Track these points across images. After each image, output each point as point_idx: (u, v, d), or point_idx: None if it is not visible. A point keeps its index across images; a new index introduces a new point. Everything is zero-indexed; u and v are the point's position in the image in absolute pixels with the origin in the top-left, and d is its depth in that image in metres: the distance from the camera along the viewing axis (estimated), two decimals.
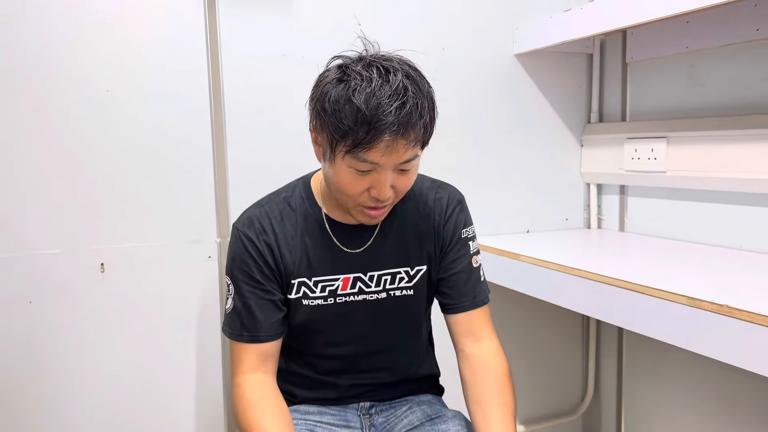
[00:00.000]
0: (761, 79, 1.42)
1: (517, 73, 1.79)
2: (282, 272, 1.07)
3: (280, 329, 1.08)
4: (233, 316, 1.07)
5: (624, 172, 1.74)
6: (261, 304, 1.06)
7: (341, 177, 0.95)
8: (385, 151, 0.89)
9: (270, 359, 1.07)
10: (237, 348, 1.07)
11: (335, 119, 0.89)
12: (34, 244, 1.33)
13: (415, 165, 0.97)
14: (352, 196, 0.97)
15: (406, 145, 0.90)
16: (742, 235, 1.48)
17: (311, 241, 1.08)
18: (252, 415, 0.98)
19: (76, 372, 1.38)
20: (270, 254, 1.06)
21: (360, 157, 0.90)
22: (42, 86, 1.31)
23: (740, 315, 0.97)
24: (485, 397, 1.04)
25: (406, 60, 0.95)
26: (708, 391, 1.61)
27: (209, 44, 1.42)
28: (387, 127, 0.86)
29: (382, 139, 0.87)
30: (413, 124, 0.89)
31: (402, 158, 0.92)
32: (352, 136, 0.88)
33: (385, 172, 0.93)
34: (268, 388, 1.04)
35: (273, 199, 1.12)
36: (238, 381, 1.05)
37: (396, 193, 0.98)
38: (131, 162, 1.39)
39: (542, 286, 1.43)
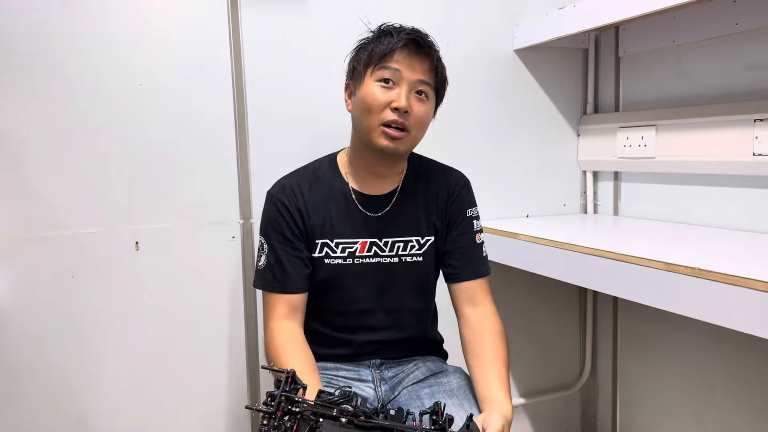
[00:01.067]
0: (741, 69, 1.54)
1: (517, 67, 1.91)
2: (309, 233, 1.22)
3: (306, 284, 1.23)
4: (266, 271, 1.22)
5: (617, 159, 1.86)
6: (291, 260, 1.21)
7: (369, 93, 1.14)
8: (405, 59, 1.12)
9: (298, 311, 1.22)
10: (269, 298, 1.22)
11: (367, 45, 1.16)
12: (76, 224, 1.47)
13: (428, 106, 1.17)
14: (377, 111, 1.13)
15: (422, 60, 1.13)
16: (725, 214, 1.60)
17: (335, 208, 1.23)
18: (283, 358, 1.13)
19: (113, 340, 1.52)
20: (299, 217, 1.21)
21: (386, 66, 1.12)
22: (84, 81, 1.45)
23: (711, 276, 1.09)
24: (482, 351, 1.17)
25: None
26: (698, 364, 1.72)
27: (232, 42, 1.56)
28: (405, 35, 1.12)
29: (402, 49, 1.12)
30: (427, 43, 1.14)
31: (418, 75, 1.13)
32: (378, 48, 1.13)
33: (403, 84, 1.12)
34: (297, 336, 1.19)
35: (303, 172, 1.28)
36: (271, 327, 1.20)
37: (413, 119, 1.14)
38: (162, 150, 1.53)
39: (540, 262, 1.55)
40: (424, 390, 1.22)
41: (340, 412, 0.93)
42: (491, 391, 1.10)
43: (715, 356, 1.66)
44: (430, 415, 0.98)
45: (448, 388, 1.21)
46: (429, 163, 1.33)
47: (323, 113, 1.64)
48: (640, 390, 1.94)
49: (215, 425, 1.63)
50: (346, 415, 0.92)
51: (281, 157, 1.60)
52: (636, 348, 1.94)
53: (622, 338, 1.99)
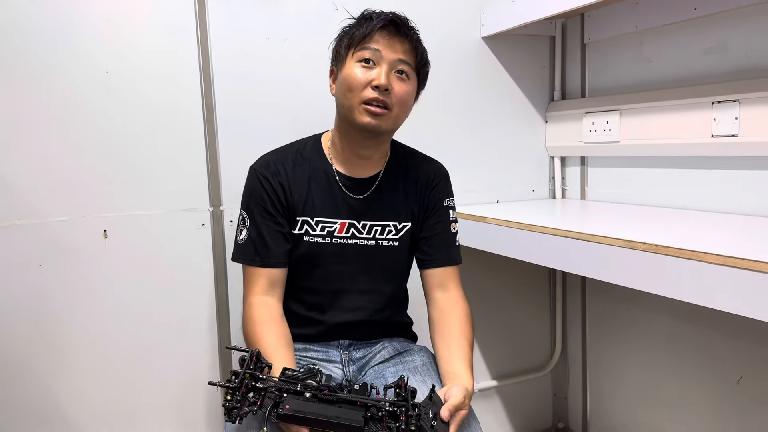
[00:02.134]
0: (698, 53, 1.58)
1: (485, 55, 1.94)
2: (290, 209, 1.24)
3: (287, 259, 1.24)
4: (247, 244, 1.23)
5: (583, 144, 1.89)
6: (272, 234, 1.22)
7: (350, 72, 1.16)
8: (385, 39, 1.15)
9: (277, 285, 1.23)
10: (249, 272, 1.23)
11: (347, 30, 1.19)
12: (44, 213, 1.46)
13: (410, 85, 1.19)
14: (358, 90, 1.15)
15: (401, 41, 1.16)
16: (687, 196, 1.64)
17: (317, 187, 1.25)
18: (259, 331, 1.15)
19: (83, 327, 1.51)
20: (282, 192, 1.23)
21: (366, 46, 1.15)
22: (49, 67, 1.44)
23: (666, 251, 1.12)
24: (448, 330, 1.21)
25: None
26: (666, 343, 1.77)
27: (199, 27, 1.56)
28: (383, 17, 1.15)
29: (381, 30, 1.14)
30: (406, 25, 1.17)
31: (398, 54, 1.15)
32: (358, 32, 1.15)
33: (384, 64, 1.14)
34: (274, 311, 1.21)
35: (287, 149, 1.30)
36: (249, 301, 1.21)
37: (394, 98, 1.16)
38: (131, 137, 1.52)
39: (507, 245, 1.57)
40: (389, 369, 1.24)
41: (304, 387, 0.94)
42: (454, 367, 1.13)
43: (681, 334, 1.71)
44: (393, 389, 1.00)
45: (412, 366, 1.23)
46: (411, 151, 1.36)
47: (292, 99, 1.65)
48: (610, 370, 1.98)
49: (188, 412, 1.64)
50: (310, 389, 0.94)
51: (250, 144, 1.59)
52: (605, 329, 1.98)
53: (591, 320, 2.03)
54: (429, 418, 0.97)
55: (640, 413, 1.87)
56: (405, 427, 0.95)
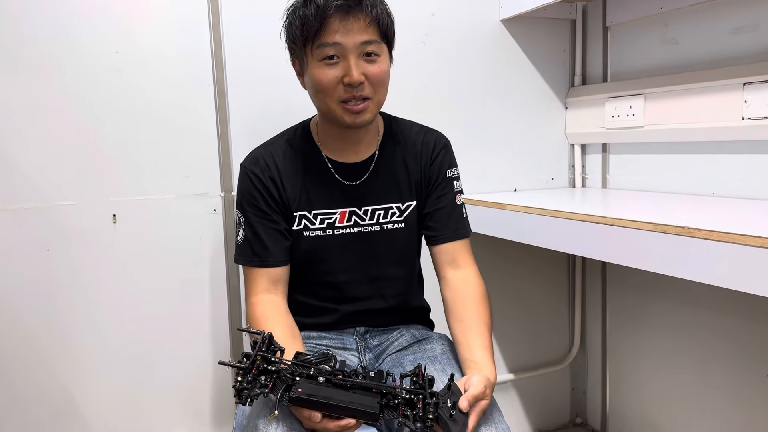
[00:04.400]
0: (728, 32, 1.52)
1: (504, 38, 1.88)
2: (286, 204, 1.18)
3: (287, 256, 1.19)
4: (245, 245, 1.18)
5: (605, 130, 1.83)
6: (269, 232, 1.17)
7: (317, 75, 1.07)
8: (340, 28, 1.03)
9: (279, 283, 1.18)
10: (249, 273, 1.18)
11: (296, 22, 1.06)
12: (52, 196, 1.43)
13: (382, 58, 1.09)
14: (330, 91, 1.08)
15: (360, 23, 1.04)
16: (715, 182, 1.58)
17: (310, 178, 1.18)
18: (264, 327, 1.08)
19: (90, 314, 1.48)
20: (275, 188, 1.17)
21: (323, 43, 1.04)
22: (58, 48, 1.40)
23: (701, 234, 1.07)
24: (463, 313, 1.14)
25: None
26: (687, 339, 1.71)
27: (211, 6, 1.51)
28: (334, 5, 1.02)
29: (334, 17, 1.02)
30: (359, 3, 1.03)
31: (360, 37, 1.04)
32: (311, 26, 1.03)
33: (349, 55, 1.05)
34: (278, 307, 1.16)
35: (276, 141, 1.23)
36: (251, 301, 1.16)
37: (371, 83, 1.08)
38: (141, 120, 1.48)
39: (528, 232, 1.52)
40: (407, 357, 1.19)
41: (317, 371, 0.90)
42: (473, 354, 1.08)
43: (706, 325, 1.65)
44: (410, 377, 0.95)
45: (431, 354, 1.18)
46: (406, 123, 1.28)
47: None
48: (631, 364, 1.92)
49: (199, 398, 1.60)
50: (323, 373, 0.90)
51: (262, 128, 1.54)
52: (626, 321, 1.92)
53: (612, 311, 1.98)
54: (447, 407, 0.93)
55: (663, 409, 1.81)
56: (422, 414, 0.90)
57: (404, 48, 1.71)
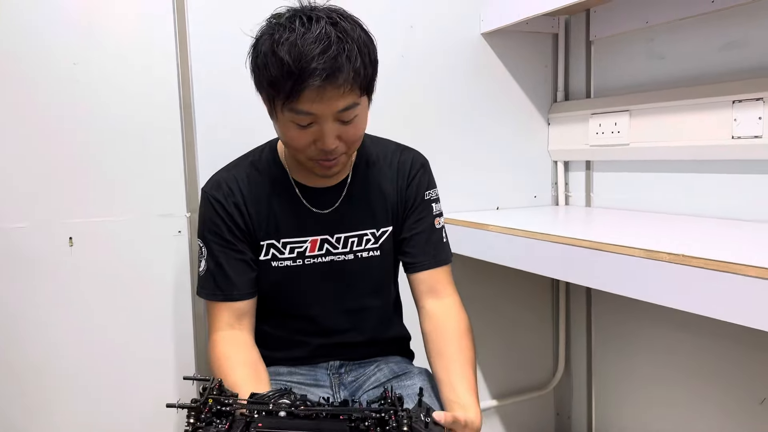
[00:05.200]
0: (716, 48, 1.47)
1: (485, 52, 1.82)
2: (251, 233, 1.09)
3: (253, 288, 1.10)
4: (207, 277, 1.09)
5: (589, 147, 1.78)
6: (233, 263, 1.07)
7: (286, 132, 0.97)
8: (316, 98, 0.90)
9: (245, 317, 1.09)
10: (212, 307, 1.09)
11: (266, 73, 0.92)
12: (1, 219, 1.32)
13: (360, 114, 0.98)
14: (301, 150, 0.98)
15: (339, 92, 0.90)
16: (704, 202, 1.52)
17: (278, 204, 1.09)
18: (225, 368, 1.00)
19: (45, 344, 1.37)
20: (239, 215, 1.08)
21: (295, 109, 0.92)
22: (8, 58, 1.30)
23: (696, 262, 1.00)
24: (445, 348, 1.06)
25: (336, 8, 0.95)
26: (673, 362, 1.65)
27: (177, 19, 1.43)
28: (310, 73, 0.87)
29: (309, 86, 0.88)
30: (339, 68, 0.88)
31: (338, 106, 0.92)
32: (282, 90, 0.90)
33: (325, 122, 0.94)
34: (241, 344, 1.06)
35: (240, 163, 1.13)
36: (213, 339, 1.07)
37: (346, 144, 0.99)
38: (100, 136, 1.38)
39: (510, 254, 1.45)
40: None
41: (276, 406, 0.82)
42: (458, 396, 0.99)
43: (697, 350, 1.59)
44: (378, 402, 0.87)
45: (411, 392, 1.09)
46: (381, 142, 1.19)
47: None
48: (617, 388, 1.85)
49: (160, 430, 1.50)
50: (283, 407, 0.81)
51: (232, 145, 1.45)
52: (611, 344, 1.86)
53: (597, 334, 1.91)
54: (421, 420, 0.85)
55: None
56: (396, 426, 0.82)
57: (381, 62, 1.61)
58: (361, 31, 0.94)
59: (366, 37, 0.95)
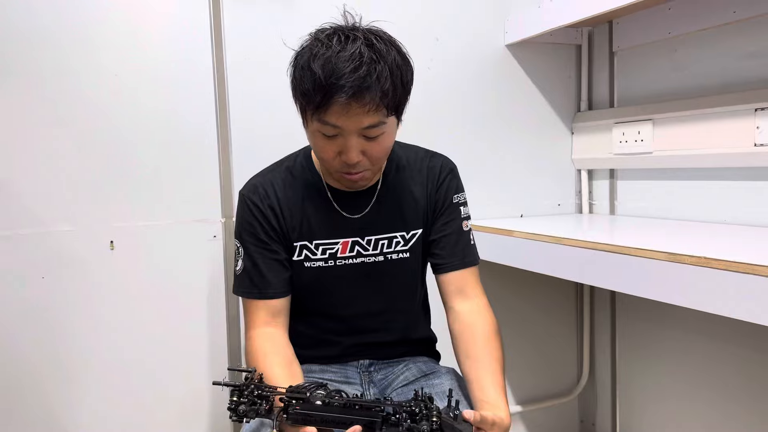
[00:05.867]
0: (738, 58, 1.49)
1: (509, 63, 1.86)
2: (286, 234, 1.14)
3: (287, 287, 1.14)
4: (243, 276, 1.14)
5: (613, 156, 1.80)
6: (268, 263, 1.12)
7: (315, 141, 1.03)
8: (342, 113, 0.94)
9: (280, 315, 1.13)
10: (248, 305, 1.14)
11: (300, 84, 0.98)
12: (47, 222, 1.39)
13: (387, 133, 1.01)
14: (327, 161, 1.04)
15: (364, 109, 0.94)
16: (727, 209, 1.54)
17: (312, 207, 1.14)
18: (261, 364, 1.04)
19: (87, 343, 1.44)
20: (274, 217, 1.13)
21: (322, 120, 0.97)
22: (56, 70, 1.38)
23: (718, 264, 1.03)
24: (474, 349, 1.09)
25: (376, 30, 1.00)
26: (698, 370, 1.66)
27: (213, 30, 1.50)
28: (338, 89, 0.92)
29: (336, 101, 0.92)
30: (367, 88, 0.92)
31: (363, 123, 0.96)
32: (312, 100, 0.95)
33: (349, 136, 0.98)
34: (278, 341, 1.10)
35: (276, 168, 1.19)
36: (250, 335, 1.11)
37: (370, 160, 1.03)
38: (140, 144, 1.46)
39: (536, 259, 1.49)
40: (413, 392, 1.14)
41: (313, 397, 0.87)
42: (486, 395, 1.02)
43: (719, 357, 1.60)
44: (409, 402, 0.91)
45: (439, 390, 1.12)
46: (411, 149, 1.23)
47: None
48: (641, 395, 1.86)
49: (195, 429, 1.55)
50: (319, 397, 0.87)
51: (265, 152, 1.51)
52: (635, 351, 1.87)
53: (621, 341, 1.92)
54: (451, 417, 0.89)
55: None
56: (426, 414, 0.86)
57: None
58: (397, 54, 0.98)
59: (401, 59, 0.99)
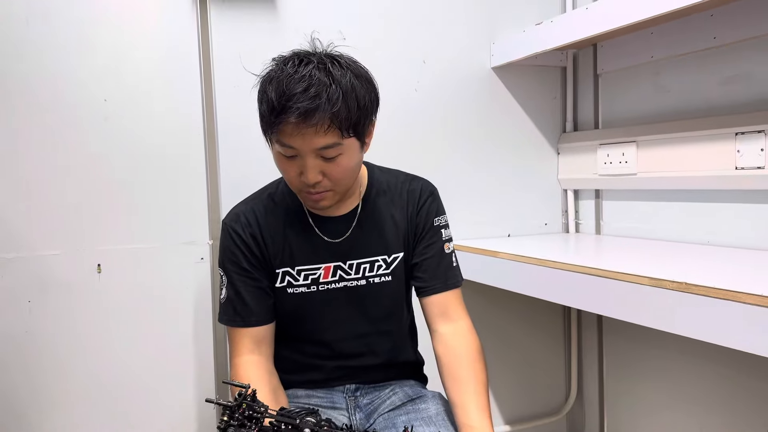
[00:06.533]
0: (719, 82, 1.52)
1: (495, 86, 1.88)
2: (268, 261, 1.15)
3: (271, 314, 1.15)
4: (227, 305, 1.15)
5: (598, 176, 1.82)
6: (251, 291, 1.13)
7: (278, 162, 1.05)
8: (294, 134, 0.96)
9: (263, 343, 1.14)
10: (233, 333, 1.14)
11: (260, 108, 1.01)
12: (34, 246, 1.40)
13: (345, 154, 1.01)
14: (290, 181, 1.06)
15: (314, 129, 0.96)
16: (710, 230, 1.56)
17: (293, 233, 1.16)
18: None
19: (74, 368, 1.43)
20: (255, 245, 1.14)
21: (280, 141, 1.00)
22: (45, 93, 1.39)
23: (699, 290, 1.04)
24: (458, 372, 1.10)
25: (335, 54, 1.02)
26: (686, 388, 1.67)
27: (201, 53, 1.51)
28: (287, 110, 0.94)
29: (287, 122, 0.95)
30: (315, 108, 0.94)
31: (316, 144, 0.97)
32: (268, 121, 0.98)
33: (306, 156, 0.99)
34: (262, 369, 1.11)
35: (258, 196, 1.20)
36: (235, 362, 1.12)
37: (331, 180, 1.04)
38: (128, 167, 1.46)
39: (522, 281, 1.50)
40: (400, 417, 1.15)
41: (303, 423, 0.87)
42: (470, 419, 1.03)
43: (707, 376, 1.61)
44: None
45: (425, 415, 1.13)
46: (391, 173, 1.25)
47: None
48: (628, 413, 1.87)
49: None
50: (309, 425, 0.86)
51: (254, 175, 1.52)
52: (623, 370, 1.88)
53: (609, 360, 1.94)
54: None
55: None
56: None
57: (396, 94, 1.72)
58: (353, 76, 0.99)
59: (357, 82, 1.00)
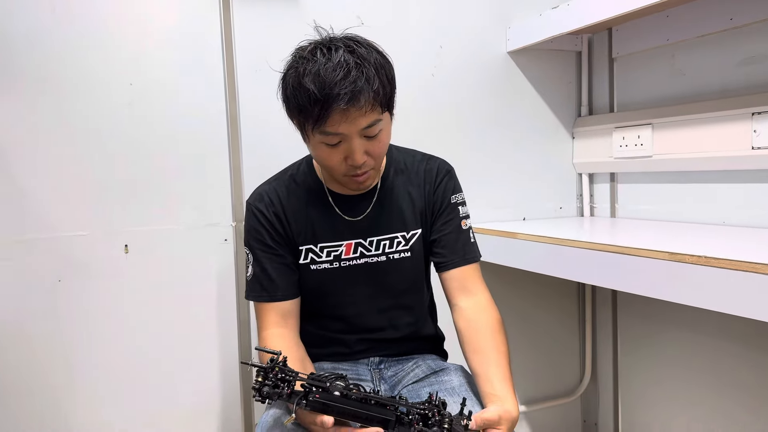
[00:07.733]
0: (735, 63, 1.54)
1: (511, 70, 1.90)
2: (291, 239, 1.19)
3: (296, 289, 1.19)
4: (254, 281, 1.18)
5: (613, 159, 1.84)
6: (276, 267, 1.17)
7: (319, 152, 1.07)
8: (342, 120, 0.99)
9: (290, 317, 1.18)
10: (259, 308, 1.18)
11: (295, 103, 1.02)
12: (64, 227, 1.43)
13: (383, 130, 1.06)
14: (334, 168, 1.08)
15: (361, 111, 0.99)
16: (726, 212, 1.58)
17: (315, 212, 1.19)
18: None
19: (101, 345, 1.47)
20: (279, 223, 1.18)
21: (325, 132, 1.01)
22: (72, 82, 1.42)
23: (718, 263, 1.07)
24: (480, 344, 1.13)
25: (352, 36, 1.05)
26: (700, 368, 1.69)
27: (224, 39, 1.54)
28: (334, 99, 0.96)
29: (335, 110, 0.97)
30: (360, 91, 0.97)
31: (362, 124, 1.01)
32: (311, 115, 0.99)
33: (352, 140, 1.02)
34: (289, 340, 1.15)
35: (280, 177, 1.24)
36: (262, 336, 1.16)
37: (373, 157, 1.08)
38: (154, 151, 1.50)
39: (538, 261, 1.52)
40: (424, 389, 1.17)
41: (333, 387, 0.91)
42: (494, 388, 1.06)
43: (724, 355, 1.63)
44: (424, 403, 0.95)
45: (449, 386, 1.16)
46: (408, 152, 1.28)
47: None
48: (643, 395, 1.90)
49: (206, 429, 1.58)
50: (338, 388, 0.90)
51: (276, 157, 1.55)
52: (638, 351, 1.91)
53: (623, 341, 1.96)
54: (462, 426, 0.92)
55: None
56: (439, 421, 0.90)
57: (414, 80, 1.74)
58: (377, 54, 1.03)
59: (382, 59, 1.04)
